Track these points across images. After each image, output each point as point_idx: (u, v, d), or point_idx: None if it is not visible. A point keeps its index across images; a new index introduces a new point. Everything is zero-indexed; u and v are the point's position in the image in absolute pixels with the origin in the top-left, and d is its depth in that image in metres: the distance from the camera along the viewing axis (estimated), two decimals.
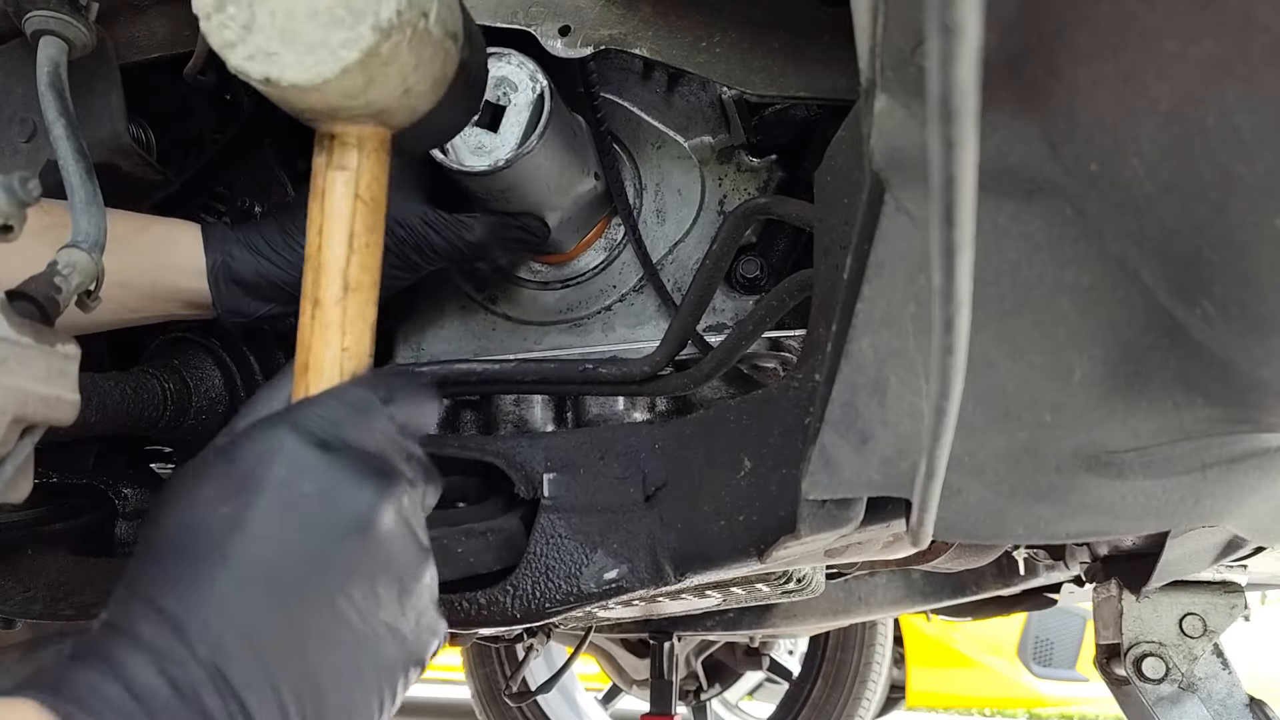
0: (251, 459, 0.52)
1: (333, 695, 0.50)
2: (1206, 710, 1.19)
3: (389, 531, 0.53)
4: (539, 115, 0.75)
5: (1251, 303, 0.42)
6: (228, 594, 0.49)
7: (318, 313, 0.57)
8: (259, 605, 0.49)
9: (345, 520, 0.52)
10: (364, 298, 0.58)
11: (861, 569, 1.67)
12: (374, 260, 0.59)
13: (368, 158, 0.57)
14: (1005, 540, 1.08)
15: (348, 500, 0.52)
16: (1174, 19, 0.35)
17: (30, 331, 0.59)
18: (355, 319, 0.58)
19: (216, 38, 0.50)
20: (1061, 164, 0.43)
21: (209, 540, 0.50)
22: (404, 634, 0.54)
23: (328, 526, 0.51)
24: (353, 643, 0.51)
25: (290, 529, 0.51)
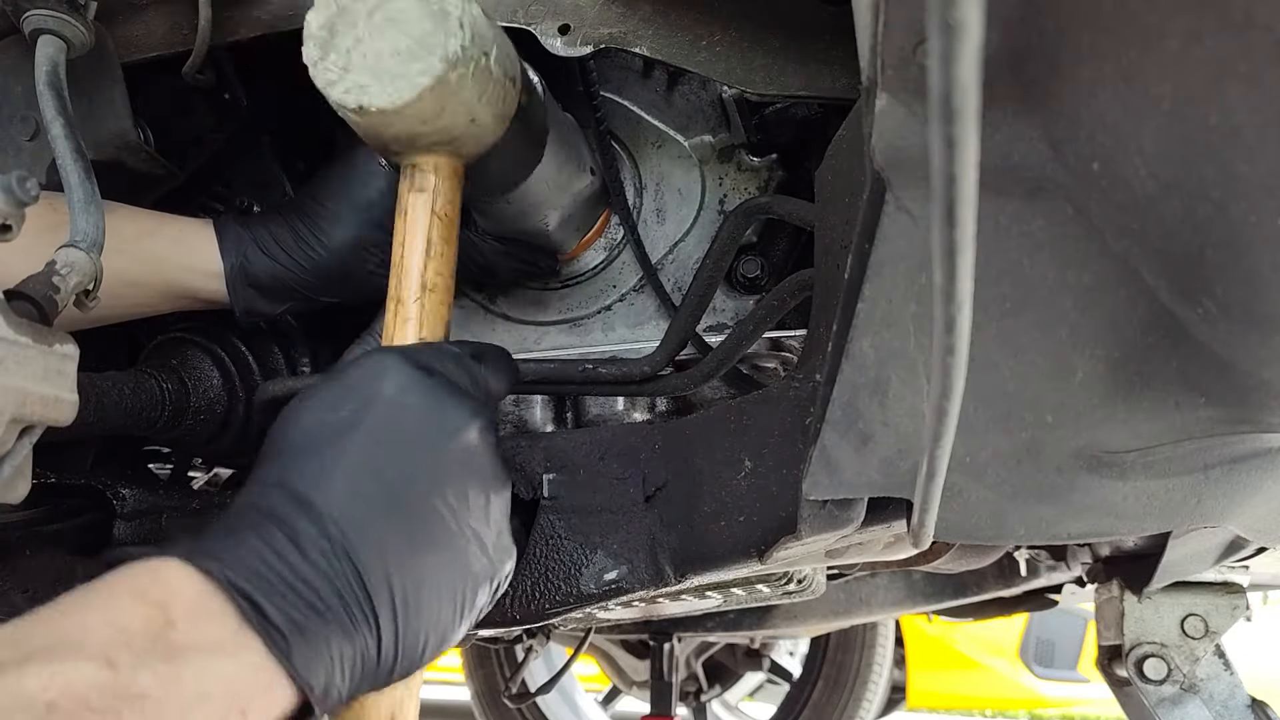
0: (363, 376, 0.60)
1: (428, 583, 0.56)
2: (1208, 711, 1.19)
3: (479, 445, 0.60)
4: None
5: (1253, 302, 0.42)
6: (347, 483, 0.55)
7: (399, 309, 0.67)
8: (373, 496, 0.55)
9: (444, 430, 0.59)
10: (439, 297, 0.68)
11: (862, 570, 1.67)
12: (447, 267, 0.68)
13: (443, 182, 0.68)
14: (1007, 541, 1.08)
15: (446, 414, 0.59)
16: (1175, 18, 0.35)
17: (29, 331, 0.59)
18: (431, 314, 0.67)
19: (321, 79, 0.62)
20: (1063, 163, 0.43)
21: (330, 437, 0.57)
22: (486, 544, 0.60)
23: (429, 434, 0.58)
24: (446, 540, 0.57)
25: (398, 433, 0.58)
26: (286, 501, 0.54)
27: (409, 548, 0.55)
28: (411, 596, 0.55)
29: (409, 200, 0.68)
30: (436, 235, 0.67)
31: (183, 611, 0.48)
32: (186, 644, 0.47)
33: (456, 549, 0.58)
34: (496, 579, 0.62)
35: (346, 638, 0.52)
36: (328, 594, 0.52)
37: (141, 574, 0.50)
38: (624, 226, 0.90)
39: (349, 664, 0.53)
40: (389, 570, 0.54)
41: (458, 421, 0.59)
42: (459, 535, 0.58)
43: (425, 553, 0.56)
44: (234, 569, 0.50)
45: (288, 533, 0.53)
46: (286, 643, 0.50)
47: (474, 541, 0.59)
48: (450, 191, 0.68)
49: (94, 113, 0.79)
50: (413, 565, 0.55)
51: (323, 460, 0.56)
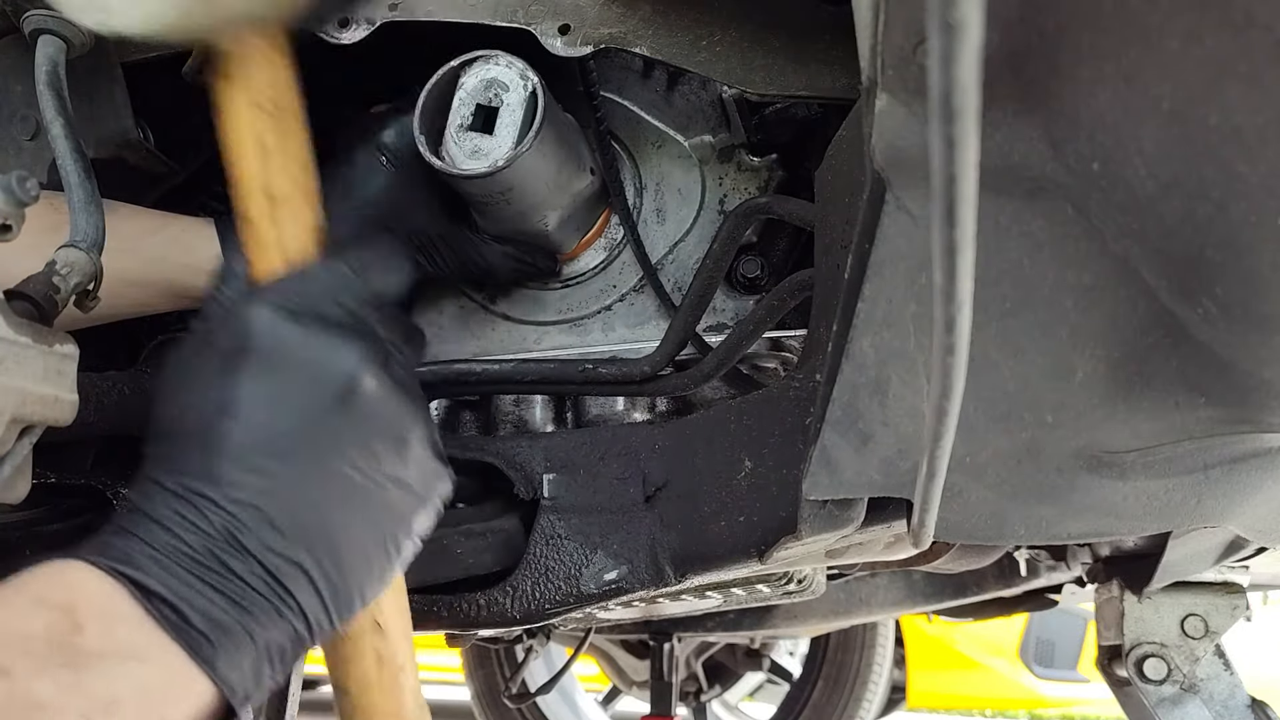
0: (230, 340, 0.54)
1: (348, 547, 0.53)
2: (1208, 711, 1.19)
3: (374, 392, 0.55)
4: (533, 113, 0.75)
5: (1253, 302, 0.42)
6: (228, 470, 0.51)
7: (251, 231, 0.57)
8: (259, 477, 0.52)
9: (329, 386, 0.54)
10: (295, 207, 0.57)
11: (862, 570, 1.67)
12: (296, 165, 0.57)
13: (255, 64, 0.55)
14: (1007, 541, 1.08)
15: (328, 368, 0.54)
16: (1176, 18, 0.35)
17: (29, 331, 0.59)
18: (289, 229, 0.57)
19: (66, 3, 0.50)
20: (1063, 163, 0.43)
21: (203, 422, 0.53)
22: (408, 483, 0.57)
23: (313, 394, 0.54)
24: (358, 498, 0.54)
25: (276, 402, 0.53)
26: (173, 495, 0.51)
27: (316, 519, 0.53)
28: (331, 565, 0.53)
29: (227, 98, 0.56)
30: (270, 133, 0.56)
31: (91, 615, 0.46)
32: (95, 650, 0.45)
33: (373, 501, 0.55)
34: (430, 504, 0.59)
35: (271, 623, 0.50)
36: (241, 585, 0.50)
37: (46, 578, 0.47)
38: (624, 226, 0.90)
39: (277, 648, 0.51)
40: (296, 548, 0.52)
41: (341, 373, 0.54)
42: (373, 488, 0.55)
43: (335, 518, 0.53)
44: (143, 568, 0.48)
45: (181, 528, 0.50)
46: (210, 644, 0.48)
47: (392, 487, 0.56)
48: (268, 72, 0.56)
49: (94, 112, 0.79)
50: (323, 535, 0.53)
51: (202, 446, 0.53)
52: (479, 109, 0.75)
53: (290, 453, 0.53)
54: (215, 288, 0.63)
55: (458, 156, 0.75)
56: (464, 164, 0.74)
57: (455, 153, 0.75)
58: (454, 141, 0.74)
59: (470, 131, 0.75)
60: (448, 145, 0.75)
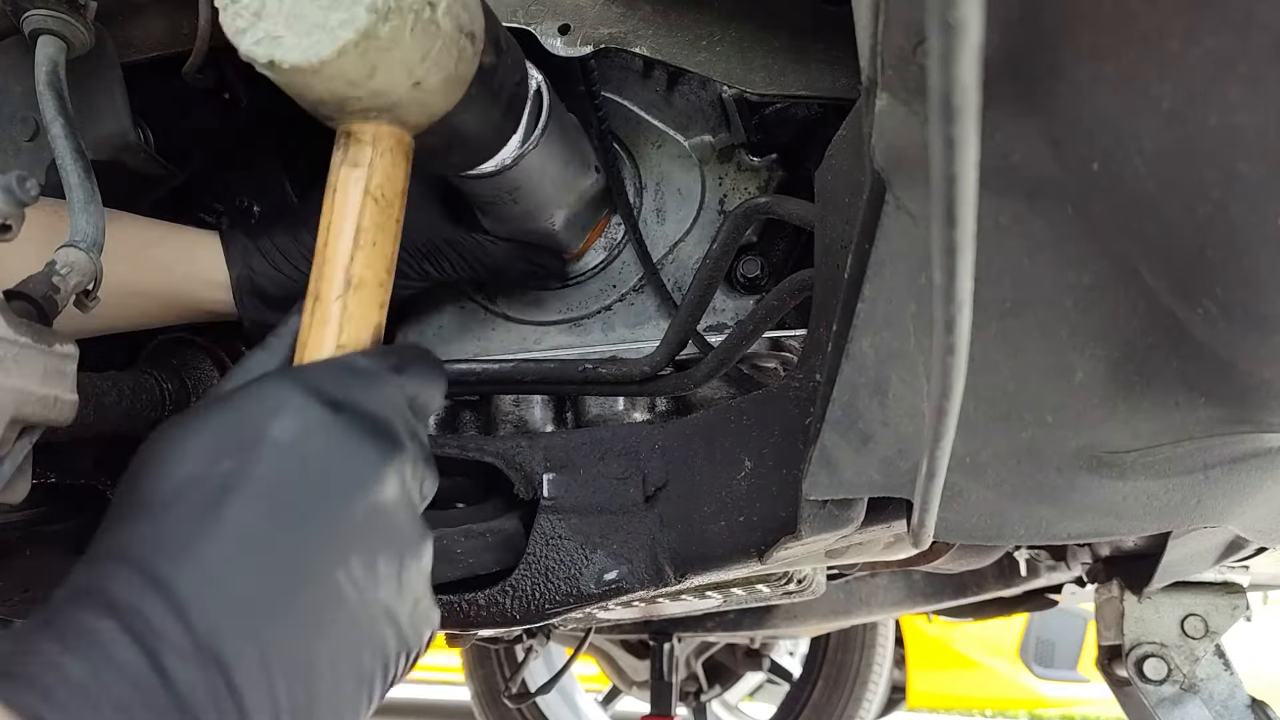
0: (255, 413, 0.48)
1: (325, 679, 0.46)
2: (1208, 711, 1.19)
3: (393, 500, 0.50)
4: (538, 111, 0.75)
5: (1253, 302, 0.42)
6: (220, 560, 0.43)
7: (317, 308, 0.56)
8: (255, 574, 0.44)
9: (349, 484, 0.48)
10: (367, 296, 0.56)
11: (862, 570, 1.67)
12: (381, 260, 0.57)
13: (381, 156, 0.57)
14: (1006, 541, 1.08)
15: (353, 463, 0.48)
16: (1175, 18, 0.35)
17: (28, 331, 0.59)
18: (354, 317, 0.56)
19: (230, 26, 0.52)
20: (1063, 163, 0.43)
21: (202, 499, 0.45)
22: (399, 620, 0.50)
23: (331, 490, 0.47)
24: (348, 623, 0.47)
25: (291, 491, 0.46)
26: (139, 585, 0.42)
27: (301, 640, 0.45)
28: (302, 700, 0.44)
29: (338, 176, 0.57)
30: (369, 221, 0.56)
31: None
32: None
33: (361, 630, 0.47)
34: (413, 652, 0.52)
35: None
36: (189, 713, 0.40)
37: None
38: (626, 226, 0.90)
39: None
40: (272, 674, 0.43)
41: (370, 473, 0.48)
42: (364, 614, 0.48)
43: (322, 642, 0.45)
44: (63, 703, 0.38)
45: (139, 633, 0.41)
46: None
47: (383, 618, 0.49)
48: (389, 168, 0.57)
49: (94, 113, 0.79)
50: (304, 660, 0.45)
51: (192, 528, 0.44)
52: None
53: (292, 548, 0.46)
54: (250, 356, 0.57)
55: None
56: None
57: None
58: None
59: None
60: None
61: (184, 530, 0.44)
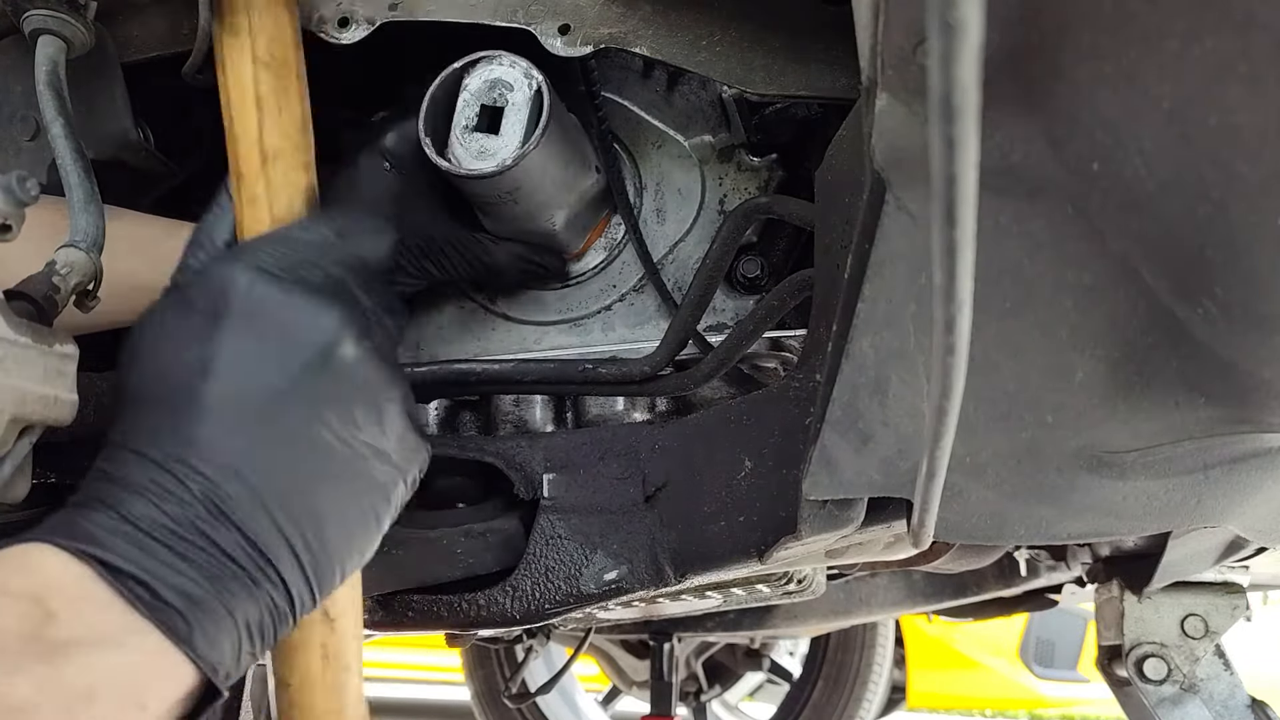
0: (208, 300, 0.53)
1: (330, 516, 0.52)
2: (1208, 711, 1.19)
3: (354, 356, 0.54)
4: (538, 111, 0.75)
5: (1253, 302, 0.42)
6: (209, 438, 0.50)
7: (242, 186, 0.57)
8: (239, 441, 0.50)
9: (309, 349, 0.52)
10: (286, 164, 0.57)
11: (862, 570, 1.67)
12: (292, 123, 0.57)
13: (259, 15, 0.56)
14: (1006, 541, 1.08)
15: (308, 329, 0.53)
16: (1176, 18, 0.35)
17: (28, 331, 0.59)
18: (280, 187, 0.57)
19: None
20: (1063, 163, 0.43)
21: (180, 385, 0.51)
22: (388, 453, 0.55)
23: (292, 357, 0.52)
24: (339, 466, 0.53)
25: (255, 364, 0.52)
26: (150, 463, 0.49)
27: (298, 487, 0.51)
28: (313, 535, 0.51)
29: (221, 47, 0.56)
30: (268, 88, 0.56)
31: (62, 602, 0.44)
32: (69, 639, 0.43)
33: (352, 471, 0.53)
34: (409, 478, 0.58)
35: (250, 598, 0.48)
36: (218, 557, 0.48)
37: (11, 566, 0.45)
38: (626, 225, 0.90)
39: (256, 623, 0.49)
40: (279, 516, 0.50)
41: (321, 335, 0.53)
42: (353, 456, 0.53)
43: (318, 486, 0.52)
44: (112, 547, 0.46)
45: (158, 497, 0.48)
46: (186, 622, 0.46)
47: (372, 457, 0.54)
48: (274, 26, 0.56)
49: (94, 112, 0.79)
50: (306, 503, 0.51)
51: (175, 416, 0.51)
52: (484, 109, 0.75)
53: (270, 415, 0.51)
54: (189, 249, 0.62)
55: (464, 158, 0.74)
56: (471, 165, 0.74)
57: (461, 154, 0.75)
58: (459, 143, 0.74)
59: (476, 132, 0.75)
60: (453, 147, 0.74)
61: (167, 417, 0.51)
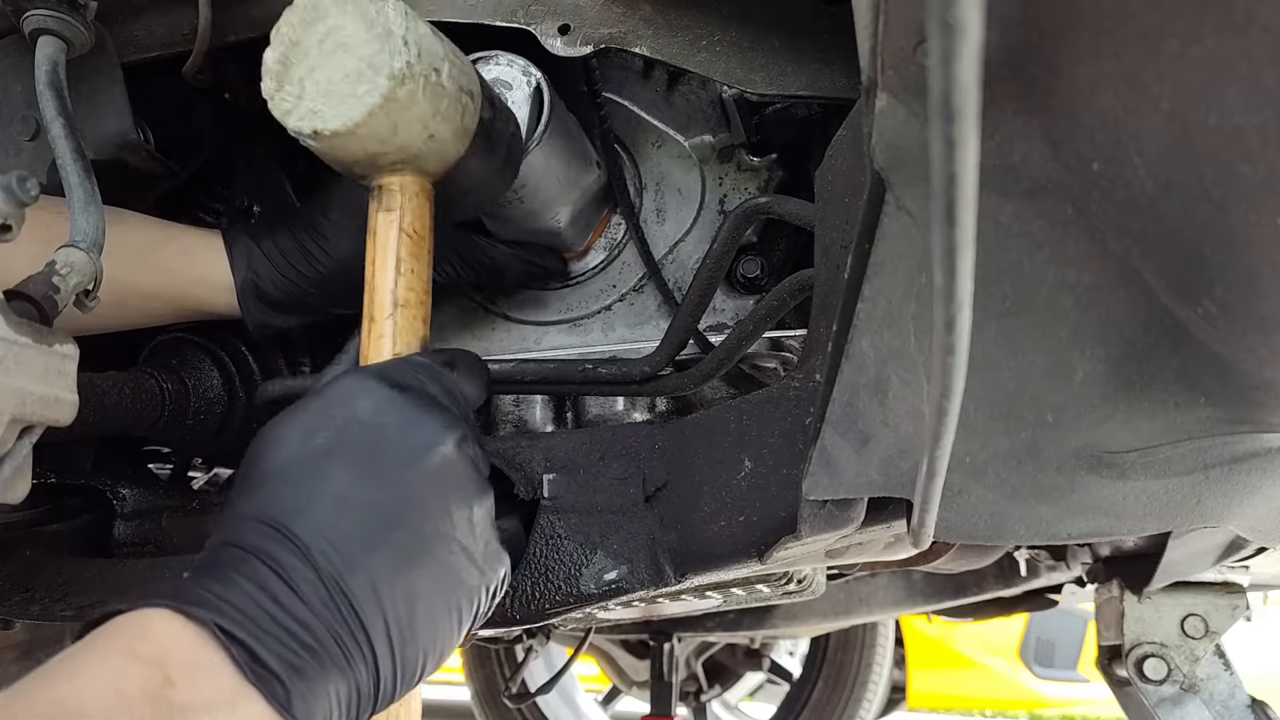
0: (338, 398, 0.59)
1: (421, 605, 0.55)
2: (1208, 711, 1.19)
3: (456, 460, 0.59)
4: (539, 109, 0.75)
5: (1253, 302, 0.42)
6: (329, 512, 0.54)
7: (372, 327, 0.68)
8: (357, 522, 0.54)
9: (421, 446, 0.58)
10: (411, 313, 0.69)
11: (862, 570, 1.67)
12: (419, 282, 0.69)
13: (409, 200, 0.69)
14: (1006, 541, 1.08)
15: (421, 430, 0.59)
16: (1176, 18, 0.35)
17: (29, 331, 0.59)
18: (404, 330, 0.68)
19: (278, 110, 0.64)
20: (1063, 163, 0.43)
21: (307, 466, 0.56)
22: (475, 556, 0.59)
23: (407, 452, 0.58)
24: (435, 558, 0.56)
25: (376, 455, 0.57)
26: (269, 535, 0.53)
27: (398, 571, 0.54)
28: (406, 621, 0.54)
29: (377, 221, 0.69)
30: (406, 253, 0.68)
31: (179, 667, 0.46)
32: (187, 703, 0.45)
33: (446, 565, 0.57)
34: (490, 587, 0.61)
35: (342, 675, 0.51)
36: (321, 631, 0.50)
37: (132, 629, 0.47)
38: (627, 224, 0.90)
39: (345, 700, 0.51)
40: (380, 597, 0.53)
41: (435, 436, 0.59)
42: (447, 552, 0.57)
43: (415, 573, 0.55)
44: (226, 615, 0.48)
45: (275, 569, 0.51)
46: (286, 691, 0.48)
47: (462, 555, 0.58)
48: (418, 209, 0.69)
49: (94, 112, 0.79)
50: (404, 588, 0.54)
51: (302, 489, 0.55)
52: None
53: (381, 501, 0.55)
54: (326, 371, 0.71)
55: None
56: None
57: None
58: None
59: None
60: None
61: (296, 493, 0.55)
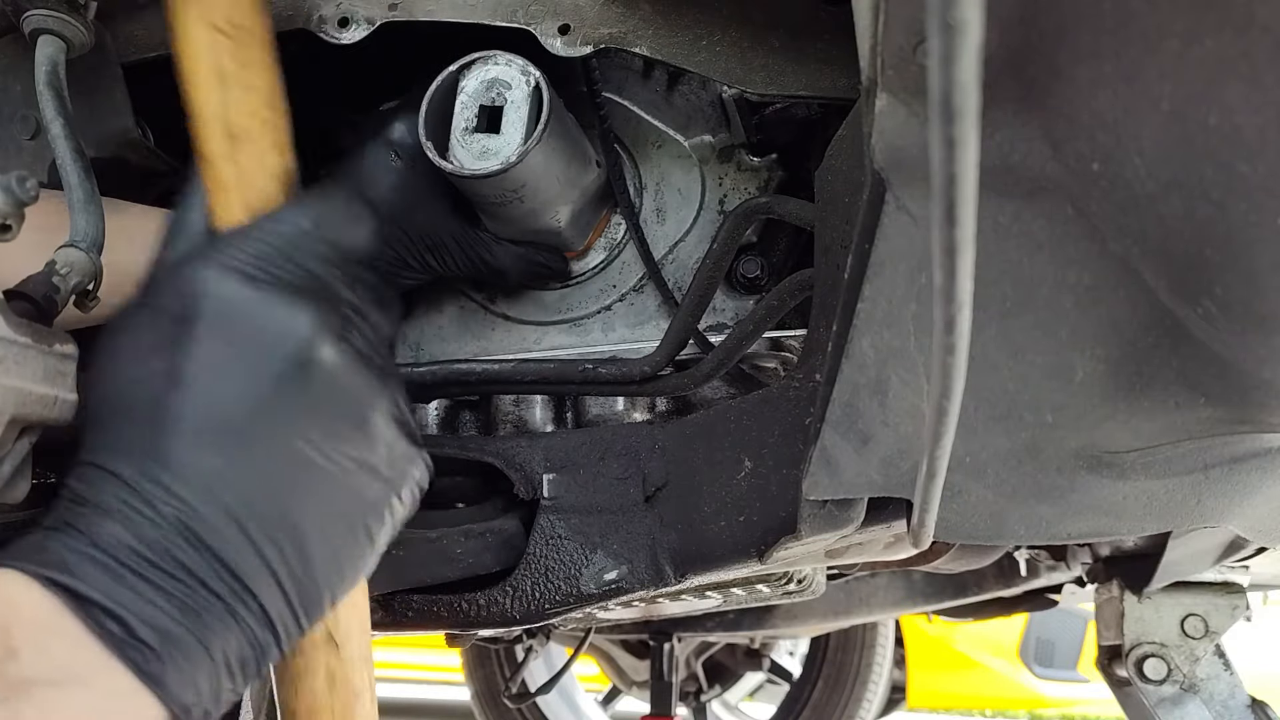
0: (177, 304, 0.50)
1: (313, 535, 0.48)
2: (1208, 711, 1.19)
3: (334, 362, 0.50)
4: (538, 108, 0.75)
5: (1253, 302, 0.42)
6: (181, 454, 0.46)
7: (210, 171, 0.51)
8: (213, 458, 0.47)
9: (284, 355, 0.49)
10: (256, 145, 0.52)
11: (862, 570, 1.67)
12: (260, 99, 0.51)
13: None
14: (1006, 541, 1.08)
15: (283, 333, 0.49)
16: (1176, 18, 0.35)
17: (28, 331, 0.59)
18: (251, 172, 0.52)
19: None
20: (1063, 163, 0.43)
21: (148, 400, 0.48)
22: (376, 466, 0.51)
23: (267, 364, 0.49)
24: (322, 482, 0.49)
25: (228, 373, 0.48)
26: (116, 487, 0.46)
27: (276, 509, 0.47)
28: (296, 559, 0.47)
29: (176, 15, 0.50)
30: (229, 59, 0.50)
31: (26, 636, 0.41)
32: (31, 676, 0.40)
33: (338, 487, 0.50)
34: (401, 492, 0.54)
35: (228, 630, 0.45)
36: (194, 586, 0.44)
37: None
38: (627, 224, 0.90)
39: (236, 657, 0.46)
40: (257, 541, 0.46)
41: (301, 340, 0.49)
42: (338, 471, 0.50)
43: (299, 506, 0.48)
44: (83, 575, 0.43)
45: (129, 520, 0.45)
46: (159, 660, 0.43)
47: (359, 470, 0.51)
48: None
49: (95, 111, 0.79)
50: (287, 526, 0.47)
51: (145, 430, 0.47)
52: (482, 110, 0.75)
53: (245, 430, 0.48)
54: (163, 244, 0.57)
55: (466, 159, 0.74)
56: (474, 165, 0.74)
57: (463, 156, 0.75)
58: (461, 145, 0.74)
59: (476, 133, 0.75)
60: (454, 150, 0.74)
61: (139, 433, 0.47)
